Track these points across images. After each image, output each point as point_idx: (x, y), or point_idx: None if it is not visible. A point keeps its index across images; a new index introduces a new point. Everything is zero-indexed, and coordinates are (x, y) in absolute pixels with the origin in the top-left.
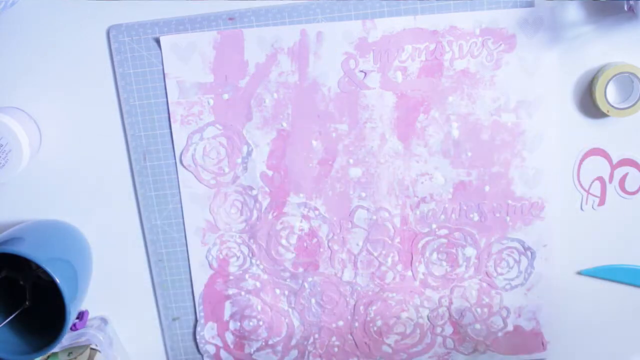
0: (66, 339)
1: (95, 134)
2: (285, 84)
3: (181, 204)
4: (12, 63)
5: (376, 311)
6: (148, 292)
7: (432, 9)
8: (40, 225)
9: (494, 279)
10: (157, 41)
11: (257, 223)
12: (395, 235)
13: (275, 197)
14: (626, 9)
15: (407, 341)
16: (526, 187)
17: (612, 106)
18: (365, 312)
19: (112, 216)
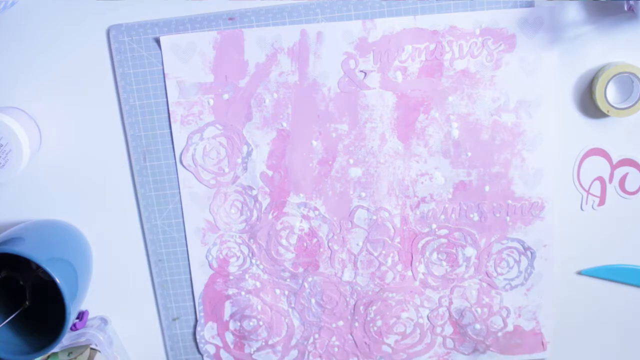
0: (66, 339)
1: (95, 134)
2: (285, 84)
3: (181, 204)
4: (12, 63)
5: (376, 311)
6: (148, 292)
7: (432, 9)
8: (40, 225)
9: (494, 279)
10: (157, 41)
11: (257, 223)
12: (395, 235)
13: (275, 197)
14: (626, 9)
15: (407, 341)
16: (526, 187)
17: (612, 106)
18: (365, 312)
19: (112, 216)
